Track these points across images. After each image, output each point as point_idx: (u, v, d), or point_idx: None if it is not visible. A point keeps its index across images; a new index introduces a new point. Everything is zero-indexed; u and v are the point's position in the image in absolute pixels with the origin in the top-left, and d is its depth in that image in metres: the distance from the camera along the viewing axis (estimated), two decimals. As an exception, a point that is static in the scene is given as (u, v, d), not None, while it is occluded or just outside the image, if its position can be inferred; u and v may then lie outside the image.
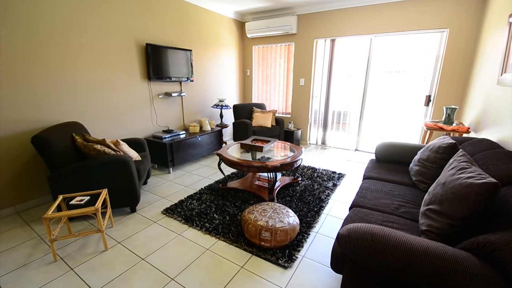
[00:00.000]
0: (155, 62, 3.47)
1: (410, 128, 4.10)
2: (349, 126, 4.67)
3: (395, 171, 2.41)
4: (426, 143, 3.29)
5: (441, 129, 2.95)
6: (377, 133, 4.45)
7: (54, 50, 2.55)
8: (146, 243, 2.05)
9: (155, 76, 3.51)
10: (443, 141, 2.03)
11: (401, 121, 4.17)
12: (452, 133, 3.13)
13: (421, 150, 2.26)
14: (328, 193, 2.87)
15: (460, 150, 1.66)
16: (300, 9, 4.43)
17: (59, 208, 2.24)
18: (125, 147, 2.63)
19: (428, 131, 3.24)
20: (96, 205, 1.84)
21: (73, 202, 1.98)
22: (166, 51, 3.58)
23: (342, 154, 4.45)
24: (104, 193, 2.07)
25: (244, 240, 2.03)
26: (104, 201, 2.25)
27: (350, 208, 1.84)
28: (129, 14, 3.17)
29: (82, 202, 1.98)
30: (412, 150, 2.55)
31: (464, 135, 3.07)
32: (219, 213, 2.45)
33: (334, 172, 3.49)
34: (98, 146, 2.33)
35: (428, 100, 3.82)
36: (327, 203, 2.68)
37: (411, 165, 2.33)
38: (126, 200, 2.40)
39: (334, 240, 2.10)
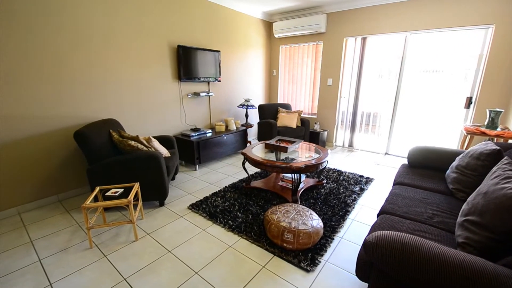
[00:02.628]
0: (186, 63, 3.60)
1: (447, 132, 3.82)
2: (379, 128, 4.47)
3: (430, 177, 2.26)
4: (466, 148, 3.05)
5: (484, 134, 2.71)
6: (410, 137, 4.20)
7: (94, 52, 2.76)
8: (172, 236, 2.14)
9: (185, 76, 3.64)
10: (485, 147, 1.87)
11: (437, 124, 3.90)
12: (496, 139, 2.86)
13: (460, 156, 2.10)
14: (354, 197, 2.77)
15: (505, 158, 1.51)
16: (330, 7, 4.33)
17: (96, 199, 2.42)
18: (156, 143, 2.76)
19: (468, 136, 3.00)
20: (129, 198, 1.96)
21: (108, 193, 2.12)
22: (196, 52, 3.70)
23: (371, 157, 4.28)
24: (136, 186, 2.19)
25: (266, 240, 2.04)
26: (136, 194, 2.39)
27: (378, 215, 1.76)
28: (164, 18, 3.32)
29: (117, 194, 2.12)
30: (449, 155, 2.37)
31: (510, 141, 2.79)
32: (242, 211, 2.48)
33: (361, 176, 3.36)
34: (132, 142, 2.48)
35: (469, 102, 3.53)
36: (353, 208, 2.59)
37: (448, 172, 2.18)
38: (155, 194, 2.52)
39: (360, 247, 2.03)
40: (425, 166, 2.49)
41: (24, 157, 2.44)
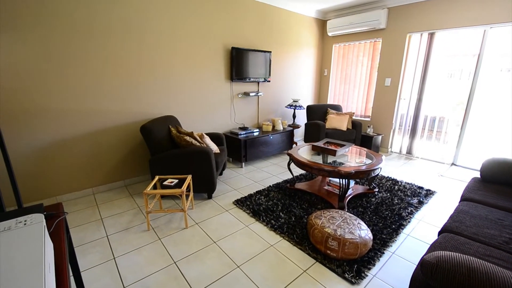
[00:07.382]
0: (238, 64, 3.73)
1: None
2: (446, 135, 3.96)
3: (508, 195, 1.92)
4: None
5: None
6: (484, 146, 3.62)
7: (157, 56, 3.05)
8: (218, 228, 2.25)
9: (237, 77, 3.77)
10: None
11: (523, 133, 3.28)
12: None
13: (554, 174, 1.73)
14: (411, 210, 2.52)
15: None
16: (392, 1, 3.98)
17: (155, 186, 2.68)
18: (208, 140, 2.94)
19: None
20: (182, 188, 2.13)
21: (165, 182, 2.34)
22: (247, 54, 3.81)
23: (433, 167, 3.82)
24: (189, 178, 2.37)
25: (308, 245, 1.99)
26: (188, 186, 2.58)
27: (439, 233, 1.57)
28: (220, 22, 3.50)
29: (172, 184, 2.32)
30: (538, 172, 1.98)
31: None
32: (285, 212, 2.47)
33: (420, 188, 3.03)
34: (188, 138, 2.68)
35: None
36: (409, 222, 2.35)
37: (535, 191, 1.82)
38: (204, 187, 2.68)
39: (415, 266, 1.85)
40: (502, 181, 2.12)
41: (101, 146, 2.85)
